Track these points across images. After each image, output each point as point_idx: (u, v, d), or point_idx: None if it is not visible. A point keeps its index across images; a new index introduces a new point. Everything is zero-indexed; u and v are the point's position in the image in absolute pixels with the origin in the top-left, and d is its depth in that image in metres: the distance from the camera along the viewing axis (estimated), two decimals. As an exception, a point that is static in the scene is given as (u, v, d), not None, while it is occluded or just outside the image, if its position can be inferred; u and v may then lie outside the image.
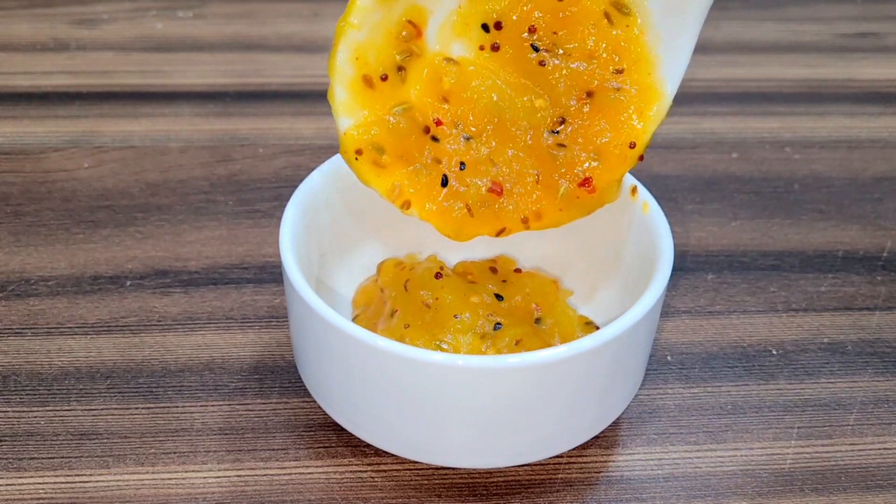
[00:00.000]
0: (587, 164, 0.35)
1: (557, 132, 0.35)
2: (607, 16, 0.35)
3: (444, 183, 0.36)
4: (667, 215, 0.37)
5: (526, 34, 0.35)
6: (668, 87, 0.35)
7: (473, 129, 0.36)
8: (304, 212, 0.37)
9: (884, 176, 0.53)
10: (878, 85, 0.61)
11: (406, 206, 0.36)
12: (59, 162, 0.51)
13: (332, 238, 0.40)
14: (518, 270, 0.40)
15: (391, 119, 0.35)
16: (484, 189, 0.36)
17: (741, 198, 0.51)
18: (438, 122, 0.36)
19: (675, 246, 0.38)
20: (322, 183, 0.38)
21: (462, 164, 0.36)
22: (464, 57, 0.36)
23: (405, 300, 0.37)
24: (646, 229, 0.37)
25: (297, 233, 0.36)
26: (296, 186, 0.38)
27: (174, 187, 0.50)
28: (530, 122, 0.36)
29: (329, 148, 0.53)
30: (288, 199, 0.37)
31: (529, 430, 0.34)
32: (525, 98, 0.36)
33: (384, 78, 0.35)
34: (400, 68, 0.35)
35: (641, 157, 0.35)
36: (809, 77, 0.61)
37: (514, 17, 0.35)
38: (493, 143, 0.36)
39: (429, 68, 0.35)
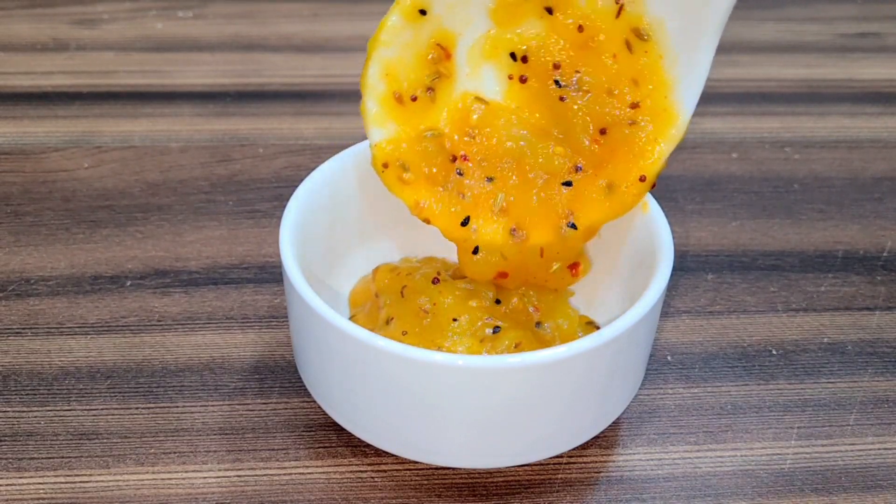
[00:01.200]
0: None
1: (570, 183, 0.36)
2: (628, 44, 0.35)
3: (465, 223, 0.37)
4: (667, 215, 0.37)
5: (551, 69, 0.36)
6: (684, 109, 0.35)
7: (495, 171, 0.37)
8: (305, 212, 0.37)
9: (884, 176, 0.53)
10: (879, 85, 0.61)
11: (427, 221, 0.37)
12: (60, 162, 0.51)
13: (332, 238, 0.40)
14: None
15: (421, 141, 0.37)
16: (492, 273, 0.38)
17: (741, 198, 0.51)
18: (465, 158, 0.37)
19: (675, 246, 0.38)
20: (322, 183, 0.38)
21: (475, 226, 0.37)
22: (495, 101, 0.37)
23: (402, 307, 0.37)
24: (646, 229, 0.37)
25: (297, 233, 0.36)
26: (296, 186, 0.38)
27: (174, 187, 0.50)
28: (547, 169, 0.36)
29: (329, 148, 0.53)
30: (288, 199, 0.37)
31: (529, 430, 0.34)
32: (546, 145, 0.36)
33: (414, 98, 0.36)
34: (429, 89, 0.36)
35: (654, 185, 0.36)
36: (809, 77, 0.61)
37: (541, 53, 0.36)
38: (512, 197, 0.37)
39: (461, 101, 0.37)
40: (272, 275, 0.45)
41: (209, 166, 0.51)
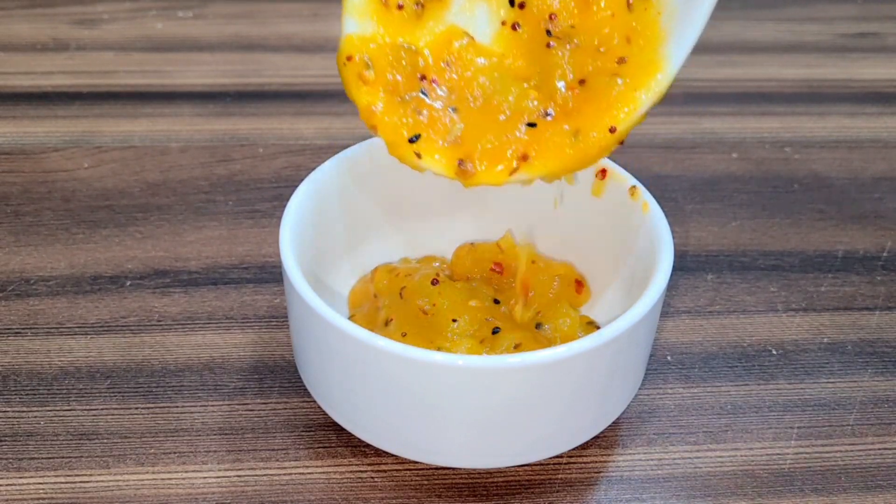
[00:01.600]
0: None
1: (535, 125, 0.34)
2: (628, 3, 0.34)
3: (414, 140, 0.34)
4: (667, 215, 0.37)
5: (546, 19, 0.35)
6: (672, 63, 0.33)
7: (460, 102, 0.35)
8: (305, 211, 0.37)
9: (883, 176, 0.53)
10: (878, 85, 0.61)
11: (374, 129, 0.35)
12: (60, 162, 0.51)
13: (332, 237, 0.40)
14: None
15: (395, 49, 0.35)
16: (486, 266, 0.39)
17: (741, 198, 0.51)
18: (434, 81, 0.35)
19: (675, 246, 0.38)
20: (323, 183, 0.38)
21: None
22: (482, 43, 0.35)
23: (401, 308, 0.37)
24: (646, 229, 0.37)
25: (297, 233, 0.36)
26: (296, 186, 0.38)
27: (174, 187, 0.50)
28: (515, 108, 0.35)
29: (329, 148, 0.53)
30: (288, 199, 0.37)
31: (529, 430, 0.34)
32: (519, 85, 0.35)
33: (400, 6, 0.35)
34: (419, 4, 0.35)
35: (622, 141, 0.34)
36: (809, 77, 0.61)
37: (540, 1, 0.35)
38: (466, 125, 0.35)
39: (446, 30, 0.35)
40: (272, 275, 0.45)
41: (209, 166, 0.51)
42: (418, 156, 0.34)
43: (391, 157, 0.35)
